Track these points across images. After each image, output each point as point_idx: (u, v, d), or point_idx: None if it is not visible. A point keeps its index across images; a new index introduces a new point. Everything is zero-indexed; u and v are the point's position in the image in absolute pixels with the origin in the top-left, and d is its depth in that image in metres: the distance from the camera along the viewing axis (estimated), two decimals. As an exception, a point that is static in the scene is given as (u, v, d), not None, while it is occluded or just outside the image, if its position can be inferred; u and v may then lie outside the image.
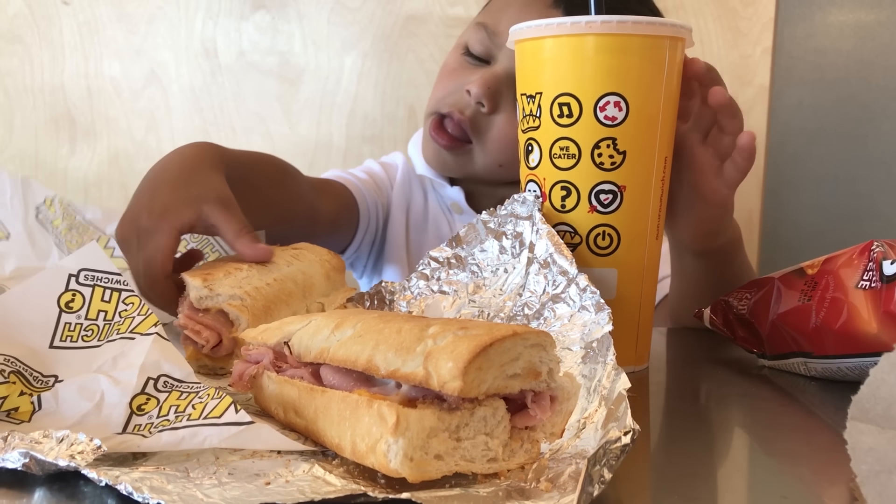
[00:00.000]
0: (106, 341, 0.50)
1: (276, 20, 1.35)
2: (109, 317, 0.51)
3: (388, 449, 0.37)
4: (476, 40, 0.93)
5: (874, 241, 0.58)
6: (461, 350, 0.38)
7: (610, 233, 0.61)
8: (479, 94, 0.89)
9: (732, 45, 1.29)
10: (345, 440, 0.40)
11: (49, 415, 0.45)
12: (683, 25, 0.60)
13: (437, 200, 1.07)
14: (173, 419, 0.44)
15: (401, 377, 0.39)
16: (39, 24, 1.38)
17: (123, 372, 0.47)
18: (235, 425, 0.42)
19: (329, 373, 0.45)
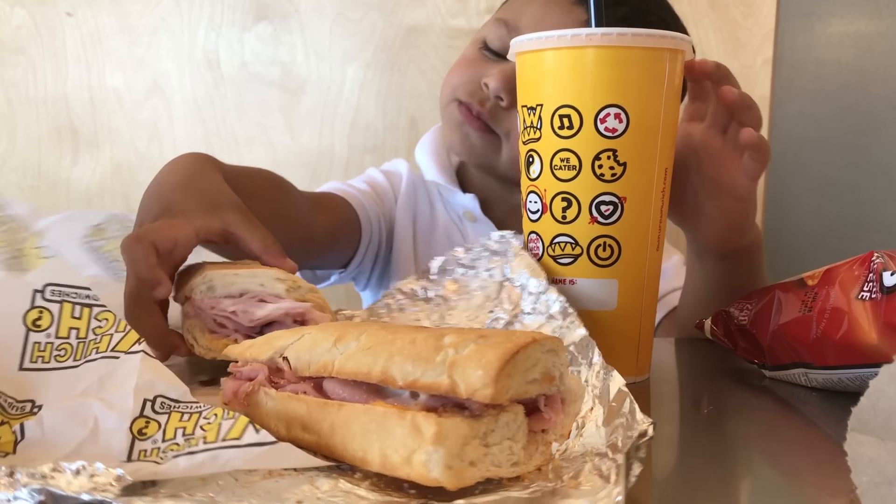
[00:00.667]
0: (84, 361, 0.46)
1: (278, 31, 1.35)
2: (82, 334, 0.47)
3: (429, 459, 0.38)
4: (495, 36, 0.91)
5: (874, 252, 0.58)
6: (490, 358, 0.39)
7: (611, 244, 0.61)
8: (498, 87, 0.88)
9: (733, 55, 1.30)
10: (371, 453, 0.40)
11: (36, 444, 0.42)
12: (683, 38, 0.61)
13: (446, 209, 1.05)
14: (183, 442, 0.42)
15: (421, 387, 0.40)
16: (43, 36, 1.39)
17: (115, 394, 0.44)
18: (258, 445, 0.40)
19: (336, 386, 0.44)
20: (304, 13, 1.35)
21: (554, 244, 0.62)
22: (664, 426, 0.57)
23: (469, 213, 1.01)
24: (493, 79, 0.88)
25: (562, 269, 0.62)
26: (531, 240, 0.64)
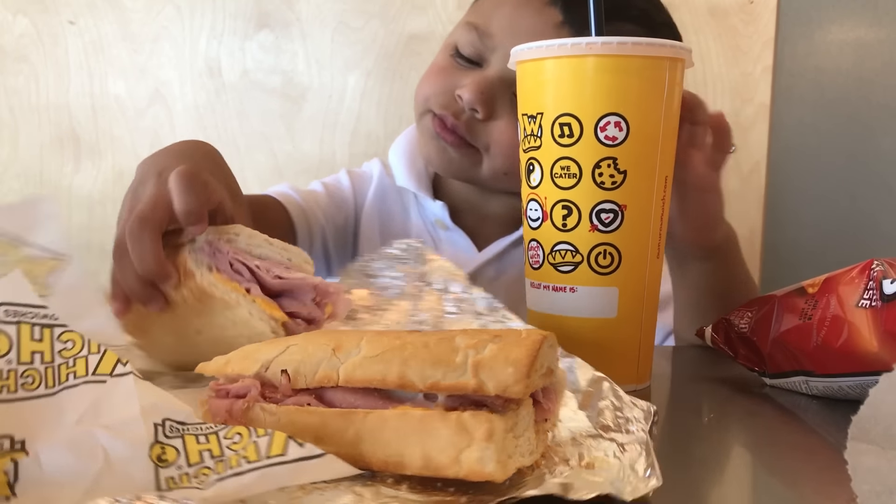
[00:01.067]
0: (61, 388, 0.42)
1: (279, 39, 1.36)
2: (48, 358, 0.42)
3: (482, 455, 0.40)
4: (466, 41, 0.87)
5: (874, 260, 0.58)
6: (518, 355, 0.41)
7: (611, 251, 0.61)
8: (472, 100, 0.84)
9: (733, 63, 1.30)
10: (411, 456, 0.41)
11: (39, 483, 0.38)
12: (683, 46, 0.61)
13: (420, 216, 1.00)
14: (214, 465, 0.40)
15: (444, 388, 0.42)
16: (45, 44, 1.39)
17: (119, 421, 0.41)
18: (307, 459, 0.40)
19: (345, 395, 0.45)
20: (306, 21, 1.35)
21: (554, 252, 0.62)
22: (664, 434, 0.57)
23: (440, 221, 0.97)
24: (467, 91, 0.84)
25: (562, 276, 0.62)
26: (531, 247, 0.64)
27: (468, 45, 0.87)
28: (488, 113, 0.85)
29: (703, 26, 1.30)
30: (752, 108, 1.30)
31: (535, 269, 0.64)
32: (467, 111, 0.85)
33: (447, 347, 0.43)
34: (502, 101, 0.85)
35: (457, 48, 0.88)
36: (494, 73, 0.85)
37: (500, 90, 0.85)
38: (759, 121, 1.31)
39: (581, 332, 0.61)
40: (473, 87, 0.84)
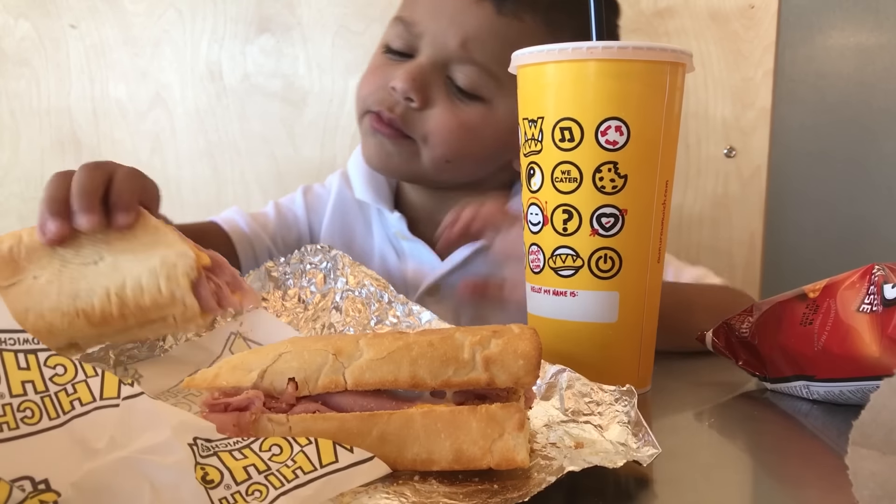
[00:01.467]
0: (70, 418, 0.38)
1: (280, 43, 1.36)
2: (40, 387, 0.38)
3: (516, 444, 0.43)
4: (395, 35, 0.87)
5: (875, 265, 0.58)
6: (526, 348, 0.45)
7: (612, 256, 0.61)
8: (406, 88, 0.83)
9: (734, 67, 1.30)
10: (440, 452, 0.43)
11: None
12: (684, 51, 0.61)
13: (383, 227, 0.98)
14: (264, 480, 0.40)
15: (455, 385, 0.45)
16: (47, 47, 1.39)
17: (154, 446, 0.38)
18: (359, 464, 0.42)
19: (355, 399, 0.46)
20: (307, 25, 1.36)
21: (555, 256, 0.62)
22: (665, 438, 0.56)
23: (399, 233, 0.96)
24: (399, 80, 0.83)
25: (563, 281, 0.62)
26: (532, 251, 0.64)
27: (397, 39, 0.86)
28: (423, 100, 0.84)
29: (704, 31, 1.30)
30: (753, 112, 1.30)
31: (535, 274, 0.64)
32: (402, 101, 0.85)
33: (452, 345, 0.45)
34: (437, 87, 0.84)
35: (388, 45, 0.88)
36: (425, 59, 0.84)
37: (433, 76, 0.84)
38: (760, 125, 1.31)
39: (582, 336, 0.61)
40: (405, 76, 0.83)
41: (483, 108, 0.85)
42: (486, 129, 0.85)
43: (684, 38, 1.30)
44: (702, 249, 1.32)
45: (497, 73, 0.84)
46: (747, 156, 1.30)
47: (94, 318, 0.56)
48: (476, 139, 0.86)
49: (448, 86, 0.85)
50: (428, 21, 0.85)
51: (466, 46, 0.83)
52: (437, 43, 0.84)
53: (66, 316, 0.56)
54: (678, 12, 1.30)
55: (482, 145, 0.86)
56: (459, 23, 0.83)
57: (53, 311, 0.56)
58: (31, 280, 0.57)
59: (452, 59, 0.84)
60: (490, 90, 0.85)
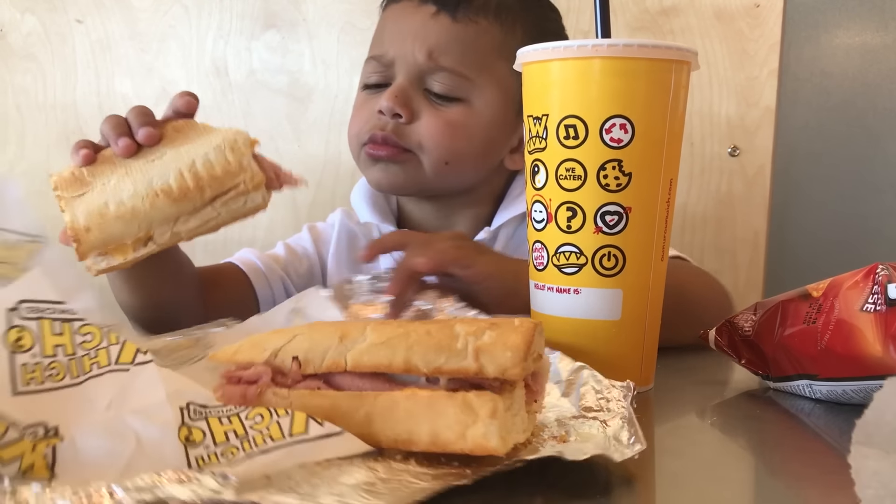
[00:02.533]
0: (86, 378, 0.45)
1: (286, 40, 1.36)
2: (69, 350, 0.46)
3: (487, 431, 0.44)
4: (369, 72, 0.95)
5: (879, 264, 0.58)
6: (515, 341, 0.45)
7: (615, 254, 0.61)
8: (391, 106, 0.90)
9: (739, 66, 1.30)
10: (419, 434, 0.45)
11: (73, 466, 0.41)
12: (689, 49, 0.61)
13: None
14: (240, 444, 0.43)
15: (446, 372, 0.46)
16: (53, 42, 1.40)
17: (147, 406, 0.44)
18: (328, 437, 0.44)
19: (353, 379, 0.49)
20: (313, 22, 1.36)
21: (559, 253, 0.62)
22: (668, 437, 0.57)
23: None
24: (384, 100, 0.90)
25: (566, 278, 0.62)
26: (536, 249, 0.64)
27: (372, 74, 0.95)
28: (409, 113, 0.91)
29: (709, 30, 1.30)
30: (758, 111, 1.30)
31: (539, 271, 0.64)
32: (391, 120, 0.91)
33: (448, 334, 0.47)
34: (418, 100, 0.91)
35: (365, 84, 0.96)
36: (402, 78, 0.92)
37: (413, 91, 0.92)
38: (765, 124, 1.30)
39: (585, 333, 0.61)
40: (388, 96, 0.90)
41: (464, 108, 0.92)
42: (472, 125, 0.92)
43: (689, 36, 1.30)
44: (705, 248, 1.32)
45: (467, 74, 0.92)
46: (751, 155, 1.30)
47: (174, 194, 0.61)
48: (465, 136, 0.92)
49: (427, 96, 0.92)
50: (395, 47, 0.93)
51: (433, 56, 0.91)
52: (408, 61, 0.92)
53: (146, 198, 0.60)
54: (683, 11, 1.30)
55: (472, 142, 0.93)
56: (422, 38, 0.92)
57: (133, 197, 0.61)
58: (100, 186, 0.62)
59: (424, 70, 0.92)
60: (465, 90, 0.92)
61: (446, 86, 0.91)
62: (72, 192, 0.62)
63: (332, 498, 0.39)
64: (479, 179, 0.97)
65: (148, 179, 0.61)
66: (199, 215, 0.64)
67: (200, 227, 0.64)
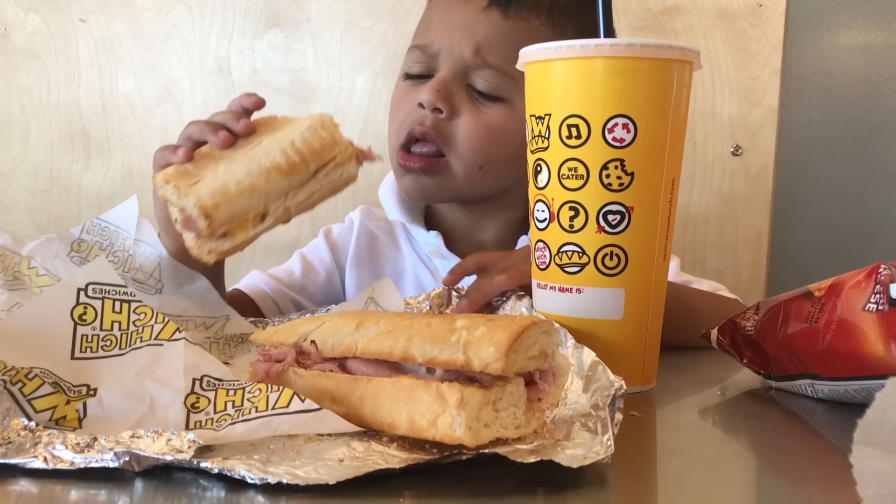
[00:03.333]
0: (130, 349, 0.54)
1: (289, 39, 1.36)
2: (124, 326, 0.55)
3: (453, 421, 0.45)
4: (412, 61, 0.91)
5: (881, 264, 0.58)
6: (500, 337, 0.46)
7: (618, 253, 0.61)
8: (432, 100, 0.87)
9: (741, 66, 1.30)
10: (399, 418, 0.47)
11: (99, 420, 0.48)
12: (691, 49, 0.61)
13: (414, 249, 1.01)
14: (234, 413, 0.48)
15: (439, 363, 0.48)
16: (56, 42, 1.40)
17: (166, 375, 0.50)
18: (305, 412, 0.47)
19: (360, 364, 0.52)
20: (315, 21, 1.36)
21: (561, 253, 0.62)
22: (670, 435, 0.57)
23: (435, 251, 0.98)
24: (425, 93, 0.87)
25: (569, 277, 0.62)
26: (538, 248, 0.64)
27: (415, 64, 0.91)
28: (450, 109, 0.88)
29: (711, 29, 1.30)
30: (761, 111, 1.30)
31: (541, 270, 0.64)
32: (431, 115, 0.88)
33: (447, 328, 0.49)
34: (460, 96, 0.88)
35: (407, 73, 0.92)
36: (445, 71, 0.89)
37: (455, 86, 0.88)
38: (767, 124, 1.30)
39: (587, 333, 0.61)
40: (430, 89, 0.87)
41: (505, 108, 0.89)
42: (511, 127, 0.89)
43: (692, 35, 1.30)
44: (708, 247, 1.32)
45: (513, 73, 0.86)
46: (754, 154, 1.30)
47: (283, 169, 0.66)
48: (503, 140, 0.89)
49: (470, 93, 0.89)
50: (442, 39, 0.89)
51: (480, 52, 0.88)
52: (454, 55, 0.88)
53: (260, 175, 0.65)
54: (686, 10, 1.30)
55: (509, 146, 0.89)
56: (471, 32, 0.88)
57: (248, 176, 0.65)
58: (210, 174, 0.66)
59: (469, 66, 0.88)
60: (509, 90, 0.88)
61: (491, 84, 0.88)
62: (185, 182, 0.66)
63: (285, 467, 0.42)
64: (511, 183, 0.94)
65: (256, 161, 0.66)
66: (304, 189, 0.69)
67: (305, 201, 0.69)
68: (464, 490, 0.43)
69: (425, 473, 0.44)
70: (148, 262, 0.72)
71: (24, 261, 0.69)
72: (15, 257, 0.69)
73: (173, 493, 0.42)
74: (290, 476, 0.41)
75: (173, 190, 0.65)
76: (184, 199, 0.64)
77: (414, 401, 0.47)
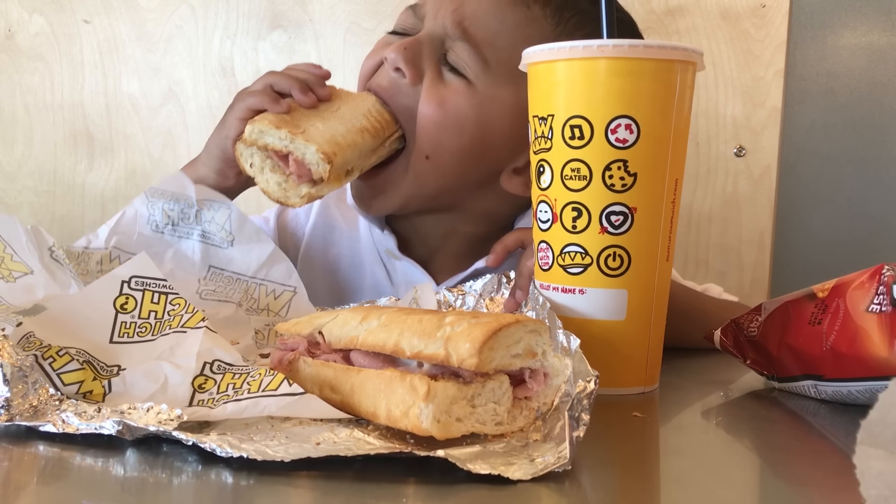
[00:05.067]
0: (160, 335, 0.58)
1: (292, 40, 1.37)
2: (160, 315, 0.59)
3: (421, 413, 0.46)
4: (402, 20, 0.85)
5: (884, 265, 0.58)
6: (476, 334, 0.47)
7: (621, 254, 0.61)
8: (395, 58, 0.79)
9: (745, 67, 1.30)
10: (380, 409, 0.49)
11: (119, 395, 0.53)
12: (694, 49, 0.61)
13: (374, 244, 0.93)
14: (232, 394, 0.52)
15: (424, 357, 0.49)
16: (61, 43, 1.40)
17: (182, 358, 0.55)
18: (290, 396, 0.49)
19: (359, 356, 0.54)
20: (319, 22, 1.36)
21: (564, 253, 0.62)
22: (673, 436, 0.57)
23: (389, 251, 0.90)
24: (392, 50, 0.79)
25: (571, 278, 0.62)
26: (541, 249, 0.64)
27: (403, 22, 0.85)
28: (414, 73, 0.79)
29: (715, 30, 1.30)
30: (764, 111, 1.30)
31: (544, 271, 0.64)
32: (393, 74, 0.81)
33: (436, 323, 0.50)
34: (429, 63, 0.80)
35: (393, 30, 0.86)
36: (423, 34, 0.81)
37: (428, 52, 0.80)
38: (771, 124, 1.30)
39: (590, 334, 0.61)
40: (397, 47, 0.80)
41: (466, 89, 0.80)
42: (467, 113, 0.80)
43: (695, 36, 1.30)
44: (711, 248, 1.32)
45: (487, 56, 0.80)
46: (757, 155, 1.30)
47: (371, 129, 0.76)
48: (455, 125, 0.80)
49: (440, 62, 0.81)
50: (432, 2, 0.83)
51: (463, 24, 0.80)
52: (437, 20, 0.82)
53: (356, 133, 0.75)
54: (689, 11, 1.30)
55: (461, 136, 0.80)
56: (461, 1, 0.81)
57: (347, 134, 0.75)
58: (313, 128, 0.74)
59: (448, 35, 0.81)
60: (477, 72, 0.80)
61: (460, 59, 0.80)
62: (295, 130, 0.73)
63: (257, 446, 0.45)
64: (466, 191, 0.85)
65: (349, 121, 0.75)
66: (377, 152, 0.78)
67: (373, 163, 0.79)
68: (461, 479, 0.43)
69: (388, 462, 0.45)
70: (219, 214, 0.78)
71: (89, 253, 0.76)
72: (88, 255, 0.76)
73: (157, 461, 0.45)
74: (258, 454, 0.43)
75: (289, 135, 0.72)
76: (302, 145, 0.71)
77: (392, 392, 0.48)
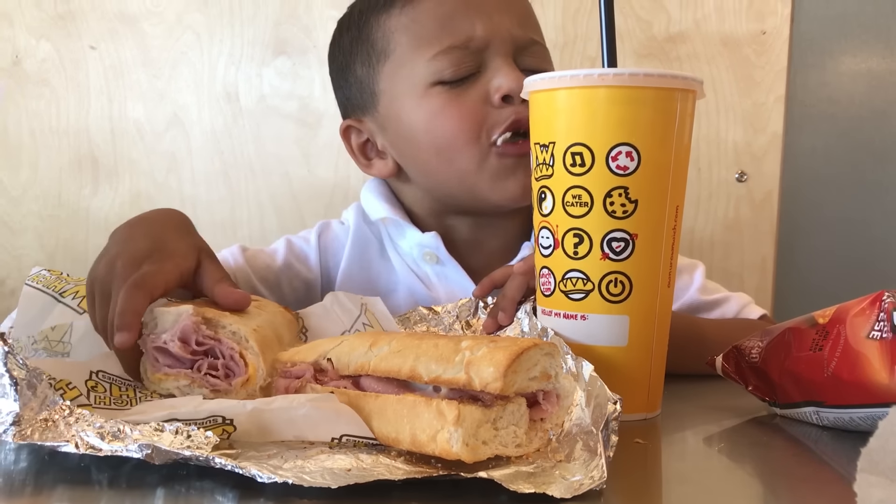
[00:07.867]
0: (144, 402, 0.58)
1: (296, 66, 1.38)
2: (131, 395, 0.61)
3: (451, 437, 0.46)
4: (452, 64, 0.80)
5: (885, 292, 0.58)
6: (500, 358, 0.48)
7: (622, 280, 0.61)
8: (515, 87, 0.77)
9: (746, 93, 1.31)
10: (402, 433, 0.49)
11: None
12: (695, 78, 0.62)
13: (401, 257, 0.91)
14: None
15: (443, 382, 0.50)
16: (67, 68, 1.41)
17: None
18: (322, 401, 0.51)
19: (372, 382, 0.54)
20: (323, 49, 1.37)
21: (565, 279, 0.62)
22: (675, 462, 0.57)
23: (431, 254, 0.87)
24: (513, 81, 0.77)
25: (573, 304, 0.62)
26: (543, 275, 0.65)
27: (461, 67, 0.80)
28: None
29: (715, 56, 1.31)
30: (765, 137, 1.31)
31: (546, 297, 0.64)
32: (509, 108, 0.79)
33: (453, 348, 0.50)
34: None
35: (440, 80, 0.81)
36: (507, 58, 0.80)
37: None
38: (772, 150, 1.31)
39: (592, 359, 0.61)
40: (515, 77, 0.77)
41: None
42: None
43: (696, 63, 1.31)
44: (713, 274, 1.32)
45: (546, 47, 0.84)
46: (759, 180, 1.31)
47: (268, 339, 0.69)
48: None
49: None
50: (484, 27, 0.80)
51: (524, 28, 0.82)
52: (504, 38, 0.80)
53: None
54: (690, 38, 1.31)
55: None
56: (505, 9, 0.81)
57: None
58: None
59: (520, 45, 0.81)
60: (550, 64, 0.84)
61: (538, 59, 0.80)
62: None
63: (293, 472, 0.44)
64: None
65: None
66: None
67: None
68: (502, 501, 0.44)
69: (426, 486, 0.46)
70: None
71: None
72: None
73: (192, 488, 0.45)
74: (296, 478, 0.44)
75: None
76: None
77: (416, 417, 0.49)
